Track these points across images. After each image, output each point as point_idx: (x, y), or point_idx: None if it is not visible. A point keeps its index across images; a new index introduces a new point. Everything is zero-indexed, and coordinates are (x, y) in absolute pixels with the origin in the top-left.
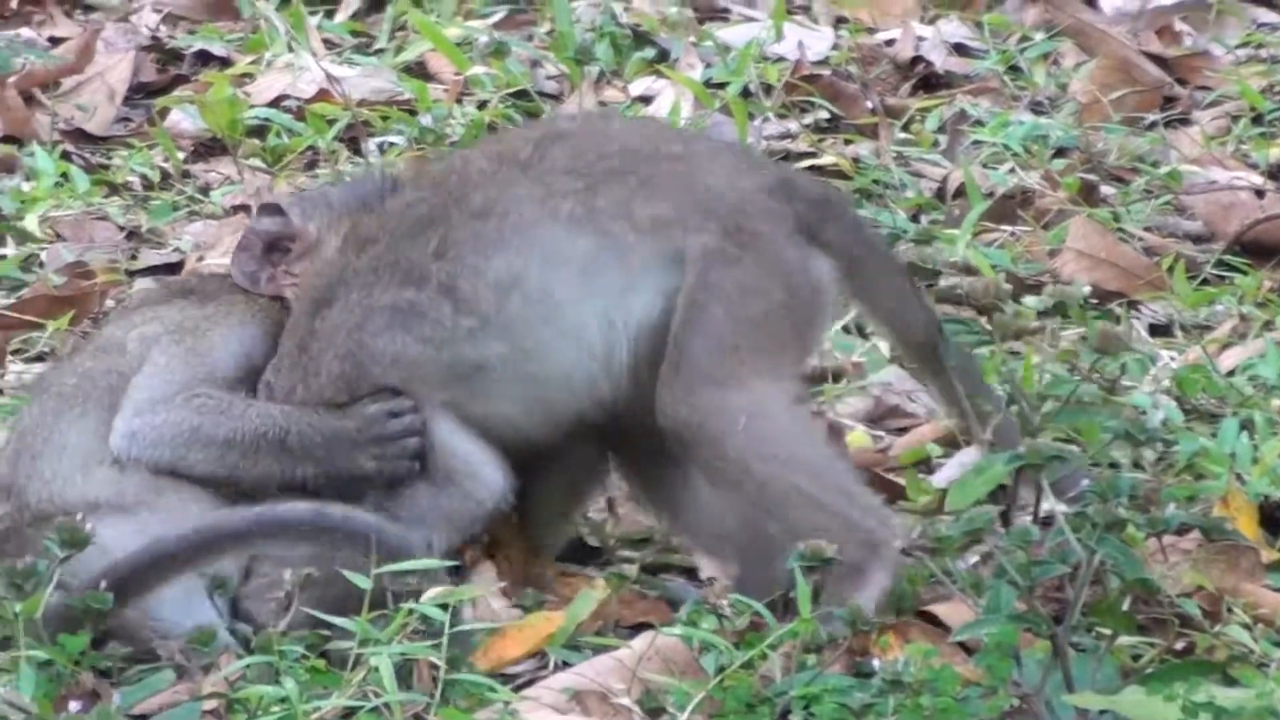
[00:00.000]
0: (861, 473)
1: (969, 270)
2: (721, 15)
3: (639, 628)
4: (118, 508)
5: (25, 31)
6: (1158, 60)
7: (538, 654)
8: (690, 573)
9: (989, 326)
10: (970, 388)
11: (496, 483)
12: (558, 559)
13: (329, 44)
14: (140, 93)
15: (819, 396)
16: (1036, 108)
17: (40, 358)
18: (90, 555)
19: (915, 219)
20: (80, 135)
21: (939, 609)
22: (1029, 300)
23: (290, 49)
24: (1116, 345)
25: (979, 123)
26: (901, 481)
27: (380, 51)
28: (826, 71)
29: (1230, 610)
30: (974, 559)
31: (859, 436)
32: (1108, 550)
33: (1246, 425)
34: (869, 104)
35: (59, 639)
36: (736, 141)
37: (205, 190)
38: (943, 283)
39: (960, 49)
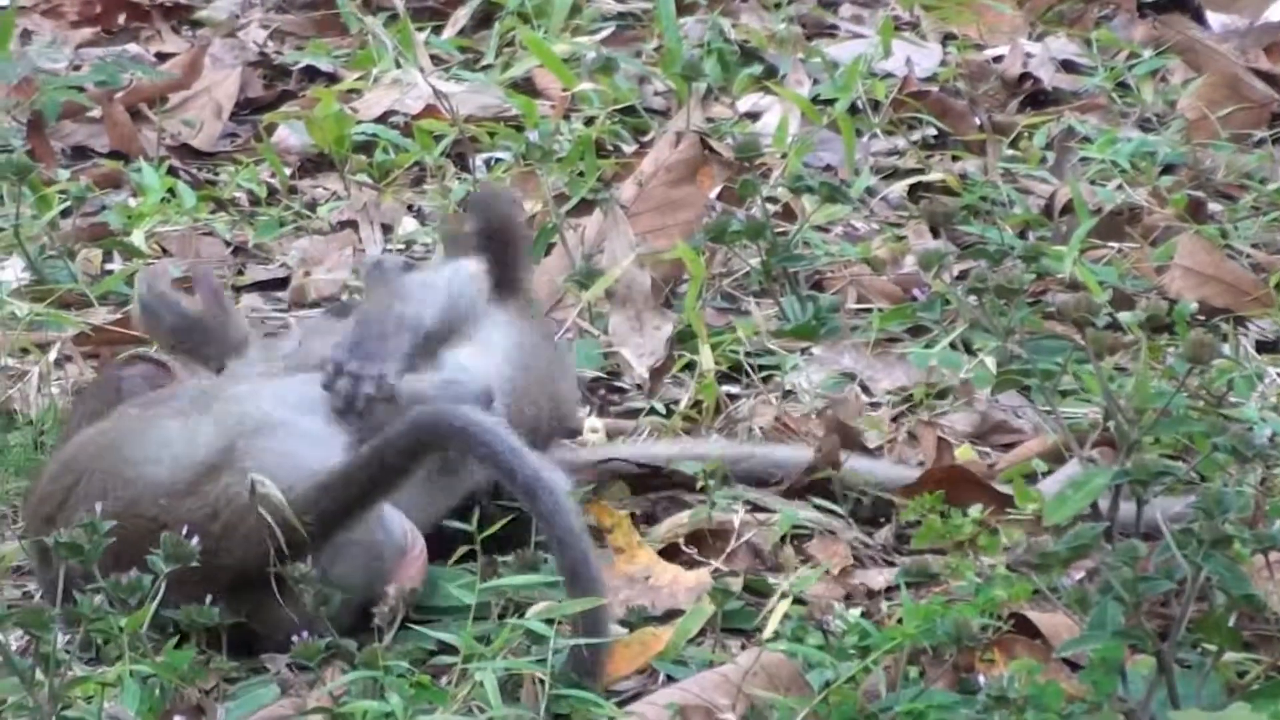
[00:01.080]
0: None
1: (1075, 286)
2: (830, 32)
3: (739, 633)
4: None
5: (132, 47)
6: (1266, 77)
7: (644, 668)
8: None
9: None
10: None
11: None
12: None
13: (436, 60)
14: (247, 109)
15: (927, 412)
16: (1144, 124)
17: None
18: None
19: (1023, 235)
20: (187, 151)
21: (1043, 624)
22: (1124, 315)
23: (398, 65)
24: (1209, 354)
25: (1086, 139)
26: (1009, 492)
27: (488, 67)
28: (934, 88)
29: None
30: (1079, 575)
31: (966, 451)
32: (1214, 566)
33: None
34: (977, 120)
35: (164, 653)
36: None
37: (312, 206)
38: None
39: (1068, 65)
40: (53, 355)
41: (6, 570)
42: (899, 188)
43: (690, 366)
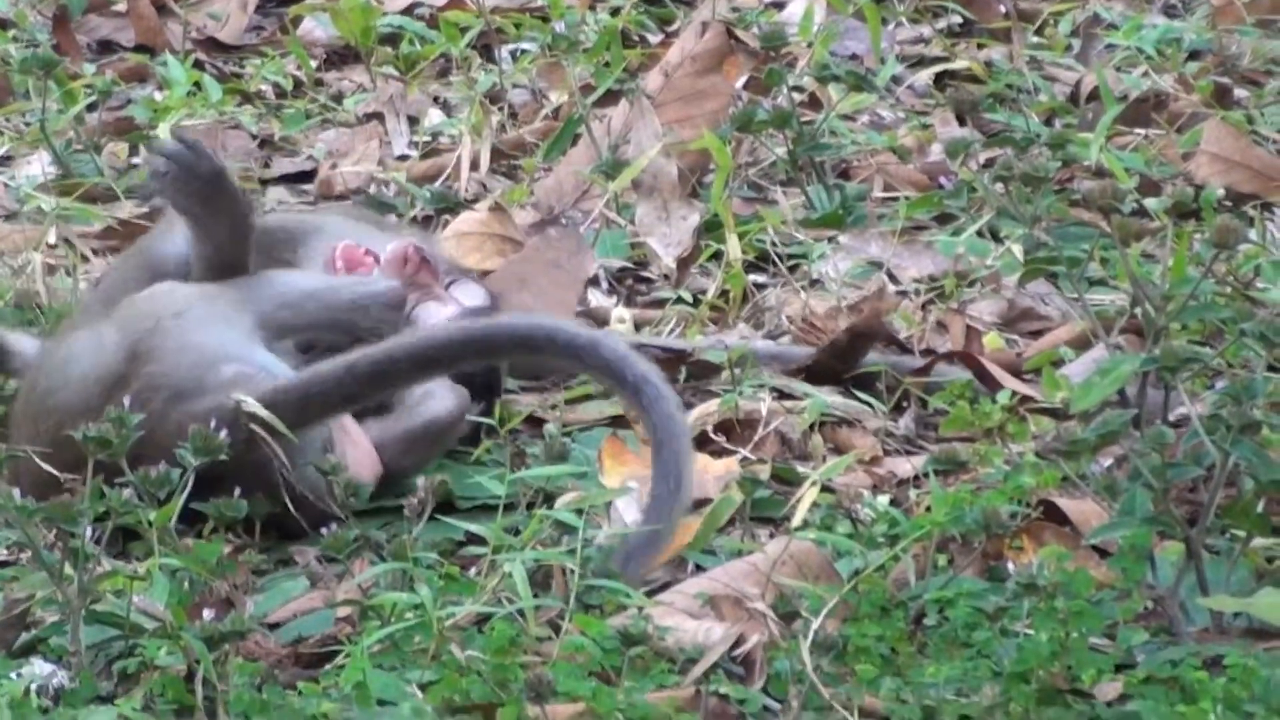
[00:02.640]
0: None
1: (1101, 174)
2: None
3: (767, 522)
4: None
5: None
6: None
7: (672, 558)
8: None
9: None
10: None
11: None
12: None
13: None
14: (272, 1)
15: (954, 299)
16: (1170, 11)
17: None
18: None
19: (1049, 123)
20: (212, 44)
21: (1072, 512)
22: (1151, 202)
23: None
24: (1234, 238)
25: (1112, 26)
26: (1033, 392)
27: None
28: None
29: None
30: (1108, 462)
31: (993, 339)
32: (1242, 452)
33: None
34: (1002, 8)
35: (193, 546)
36: None
37: (338, 98)
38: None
39: None
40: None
41: None
42: (925, 76)
43: (717, 256)
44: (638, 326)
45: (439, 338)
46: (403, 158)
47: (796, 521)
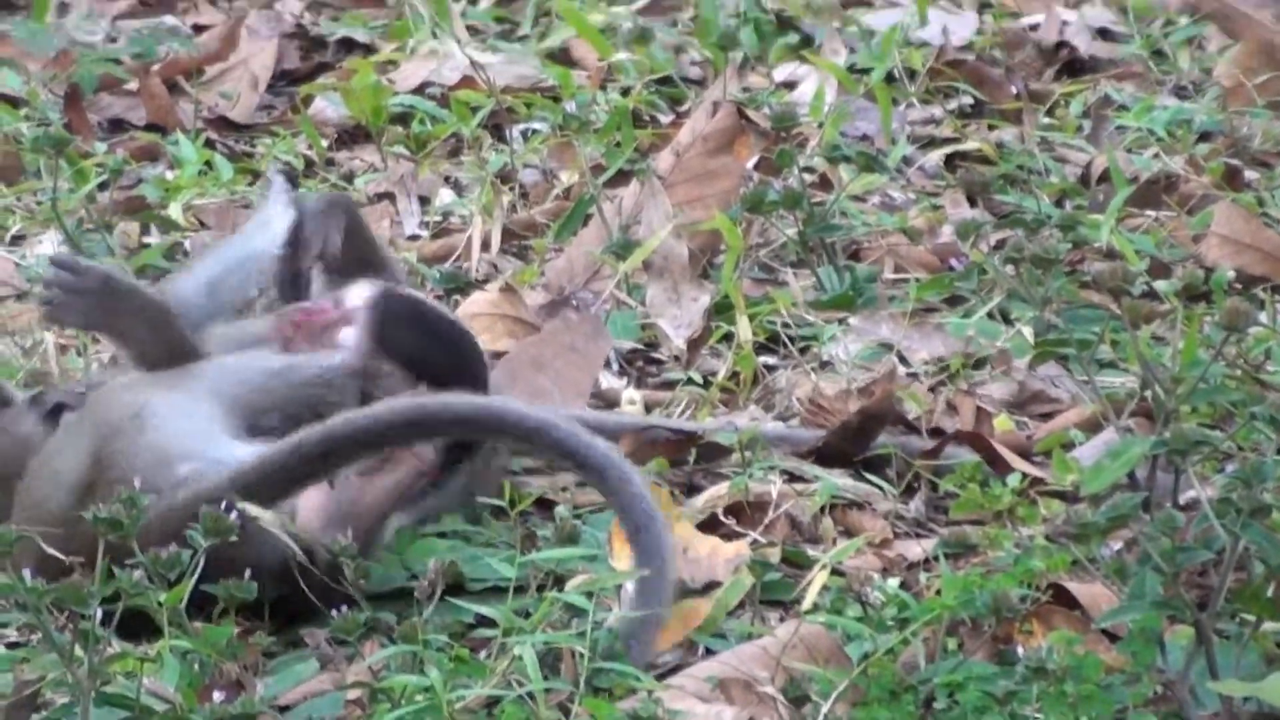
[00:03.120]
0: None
1: (1112, 255)
2: (866, 0)
3: (777, 605)
4: None
5: (169, 19)
6: None
7: (683, 641)
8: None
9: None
10: None
11: None
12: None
13: (473, 30)
14: (284, 80)
15: (964, 381)
16: (1180, 92)
17: None
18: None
19: (1060, 204)
20: (224, 123)
21: (1082, 595)
22: (1161, 284)
23: (434, 35)
24: (1245, 321)
25: (1123, 108)
26: (1044, 475)
27: (524, 38)
28: (970, 56)
29: None
30: (1118, 545)
31: (1003, 422)
32: (1253, 536)
33: None
34: (1013, 89)
35: (203, 629)
36: None
37: (349, 177)
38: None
39: (1104, 33)
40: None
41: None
42: (935, 157)
43: (728, 338)
44: (648, 408)
45: (383, 417)
46: (414, 237)
47: (806, 605)
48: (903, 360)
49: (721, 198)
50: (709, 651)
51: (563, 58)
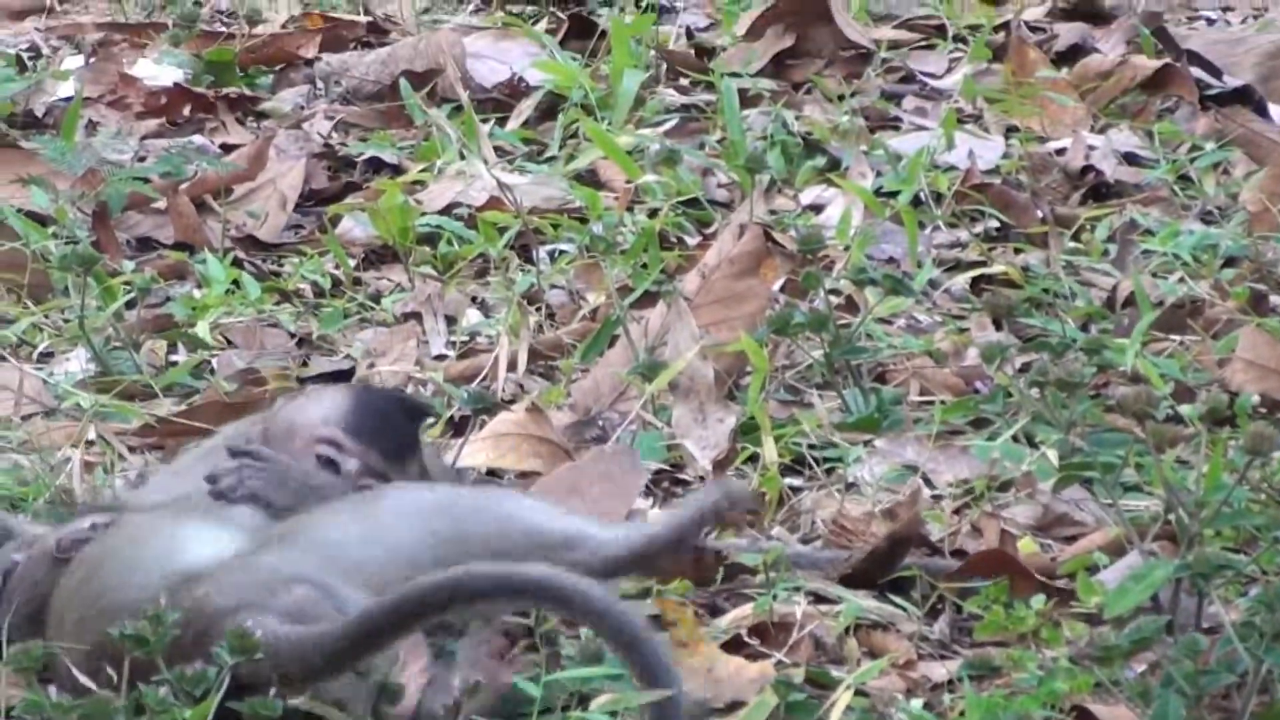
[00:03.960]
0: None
1: (1137, 379)
2: (893, 124)
3: None
4: None
5: (197, 138)
6: None
7: None
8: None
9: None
10: None
11: None
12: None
13: (500, 151)
14: (311, 200)
15: (989, 504)
16: (1206, 217)
17: None
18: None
19: (1085, 328)
20: (251, 242)
21: (1106, 717)
22: (1186, 408)
23: (462, 156)
24: (1269, 445)
25: (1149, 232)
26: (1071, 587)
27: (552, 159)
28: (997, 180)
29: None
30: (1141, 668)
31: (1027, 544)
32: (1276, 660)
33: None
34: (1039, 213)
35: None
36: None
37: (376, 298)
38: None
39: (1130, 158)
40: (118, 447)
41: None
42: (961, 280)
43: (753, 459)
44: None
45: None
46: (440, 357)
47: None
48: (927, 482)
49: (748, 319)
50: None
51: (590, 179)
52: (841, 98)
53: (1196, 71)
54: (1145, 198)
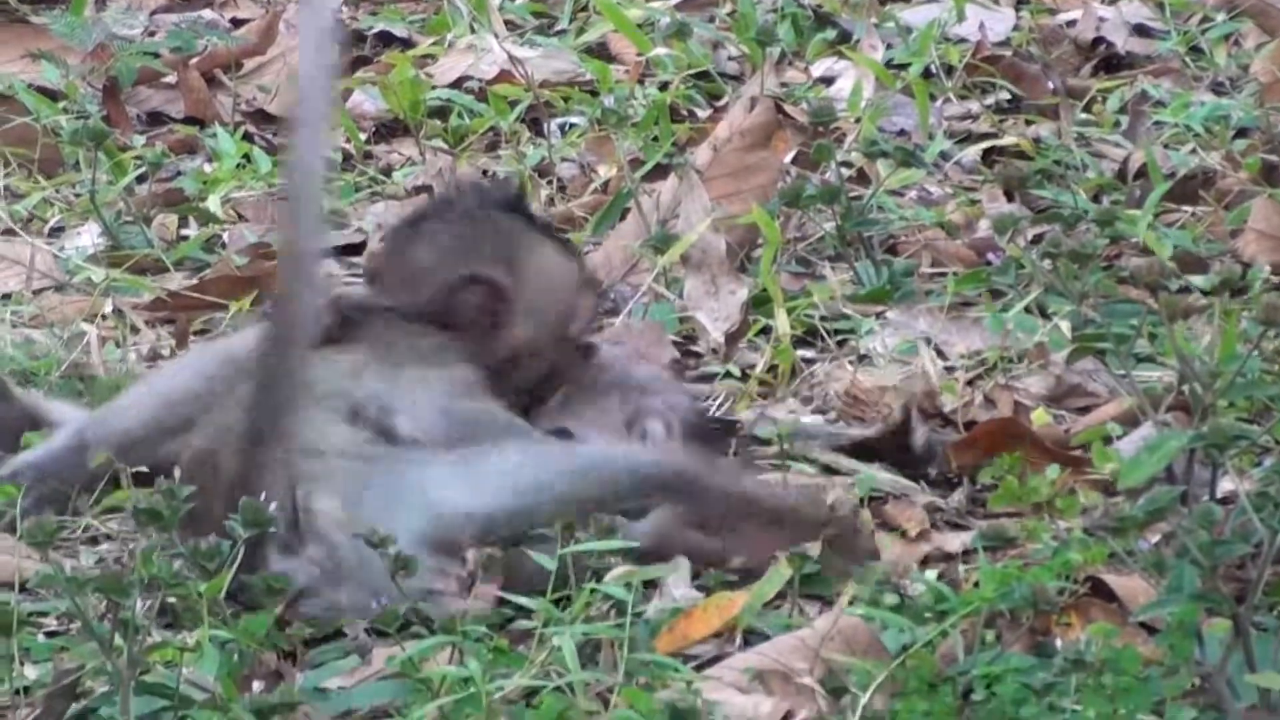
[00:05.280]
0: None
1: (1149, 251)
2: None
3: (816, 598)
4: None
5: (207, 13)
6: None
7: (721, 633)
8: None
9: (1156, 306)
10: None
11: None
12: None
13: (511, 25)
14: None
15: (1001, 375)
16: (1218, 88)
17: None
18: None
19: (1096, 199)
20: (262, 116)
21: (1120, 588)
22: (1198, 279)
23: (472, 30)
24: None
25: (1160, 104)
26: (1085, 458)
27: (562, 33)
28: (1008, 53)
29: None
30: (1155, 539)
31: (1041, 415)
32: None
33: None
34: (1050, 85)
35: (242, 619)
36: None
37: (387, 171)
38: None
39: (1141, 30)
40: (128, 321)
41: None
42: (973, 152)
43: (765, 331)
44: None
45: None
46: None
47: (845, 597)
48: (940, 354)
49: (759, 192)
50: (747, 643)
51: (600, 52)
52: None
53: None
54: (1156, 69)
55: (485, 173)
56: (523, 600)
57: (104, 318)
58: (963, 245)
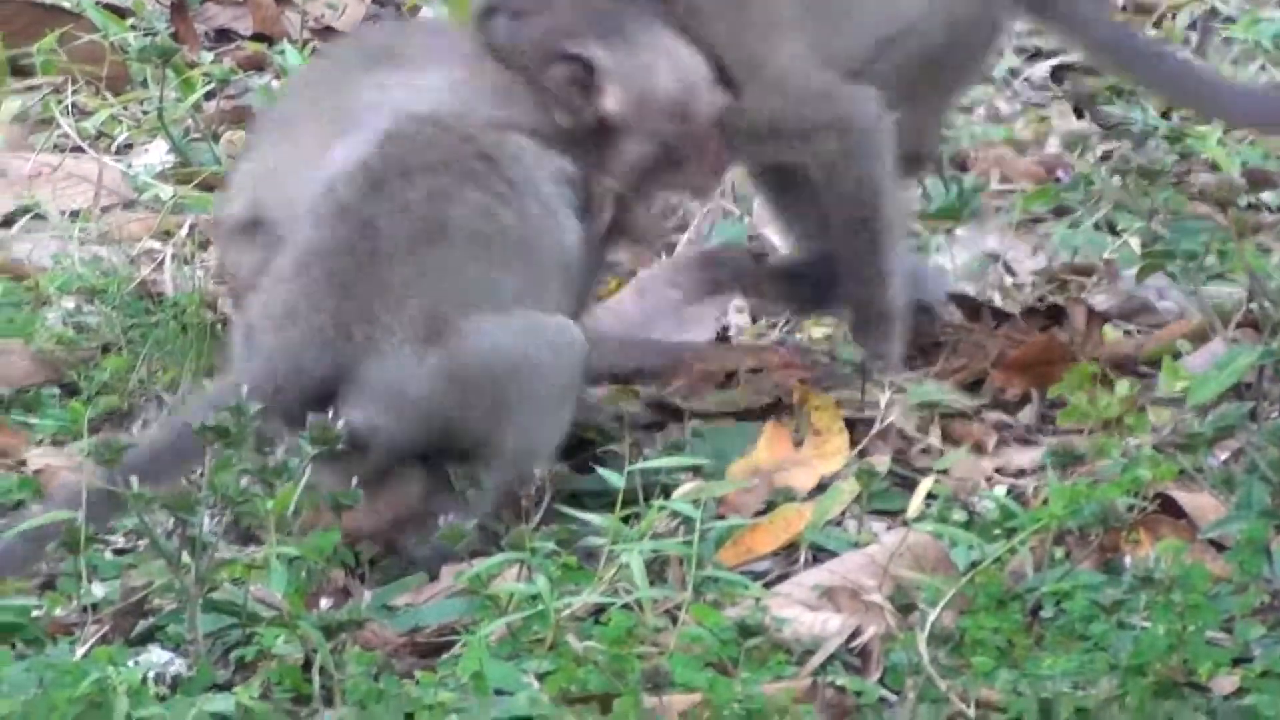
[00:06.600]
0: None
1: (1217, 168)
2: None
3: (885, 514)
4: None
5: None
6: None
7: (788, 548)
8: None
9: (1226, 222)
10: None
11: None
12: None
13: None
14: None
15: (1069, 290)
16: None
17: None
18: None
19: (1166, 116)
20: (330, 33)
21: (1189, 505)
22: (1268, 195)
23: None
24: None
25: (1229, 20)
26: (1154, 374)
27: None
28: None
29: None
30: (1224, 455)
31: (1109, 332)
32: None
33: None
34: (1119, 2)
35: (309, 535)
36: None
37: None
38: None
39: None
40: (196, 237)
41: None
42: (1042, 68)
43: None
44: (754, 317)
45: None
46: None
47: (912, 513)
48: (1009, 270)
49: None
50: (816, 560)
51: None
52: None
53: None
54: None
55: None
56: (591, 517)
57: (169, 234)
58: (1032, 162)
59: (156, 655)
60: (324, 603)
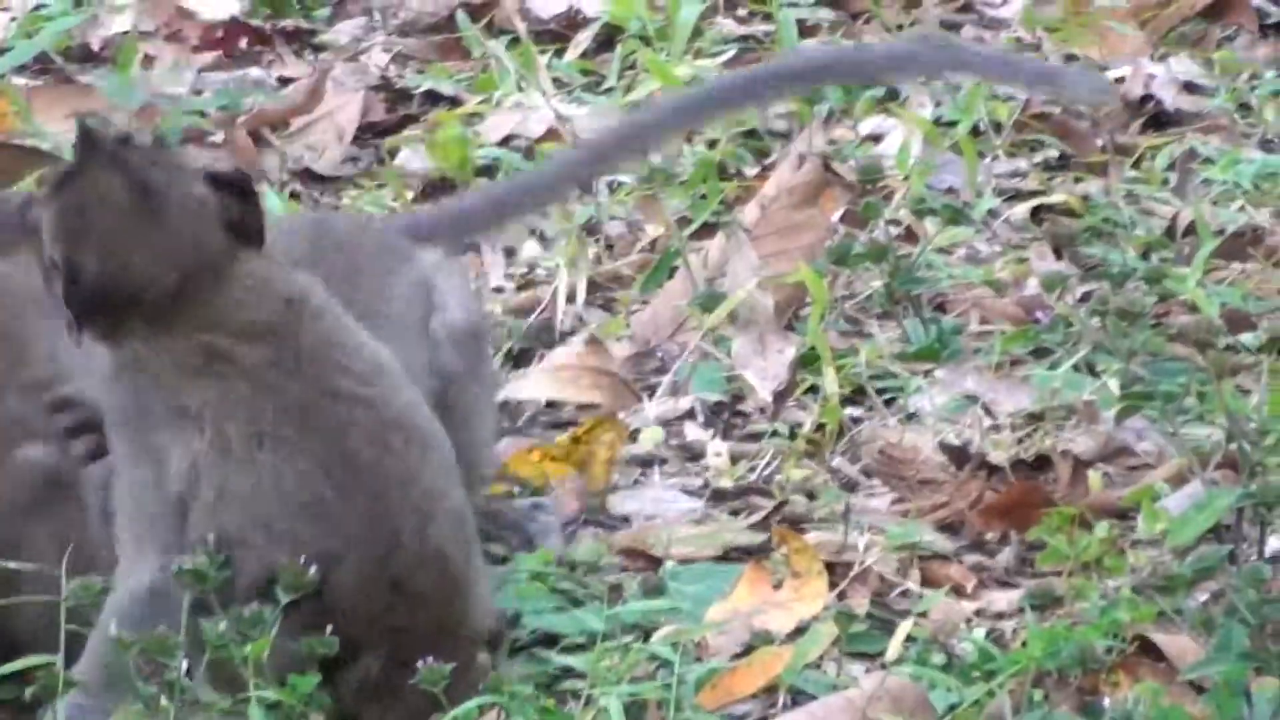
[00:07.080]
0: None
1: (1198, 309)
2: None
3: (863, 657)
4: None
5: (255, 71)
6: None
7: (767, 690)
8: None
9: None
10: None
11: None
12: None
13: (559, 83)
14: (369, 133)
15: (1047, 434)
16: (1267, 146)
17: None
18: None
19: (1145, 257)
20: (309, 175)
21: (1168, 647)
22: (1246, 337)
23: (520, 88)
24: None
25: (1209, 160)
26: (1133, 517)
27: (610, 91)
28: (1056, 110)
29: None
30: (1204, 597)
31: (1093, 479)
32: None
33: None
34: (1099, 142)
35: (288, 680)
36: None
37: None
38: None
39: (1190, 87)
40: None
41: None
42: (1021, 210)
43: (813, 389)
44: (734, 460)
45: None
46: (499, 289)
47: (891, 655)
48: (988, 412)
49: (807, 250)
50: (795, 703)
51: None
52: (900, 27)
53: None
54: (1205, 126)
55: (532, 232)
56: (570, 660)
57: None
58: (1011, 303)
59: None
60: None
